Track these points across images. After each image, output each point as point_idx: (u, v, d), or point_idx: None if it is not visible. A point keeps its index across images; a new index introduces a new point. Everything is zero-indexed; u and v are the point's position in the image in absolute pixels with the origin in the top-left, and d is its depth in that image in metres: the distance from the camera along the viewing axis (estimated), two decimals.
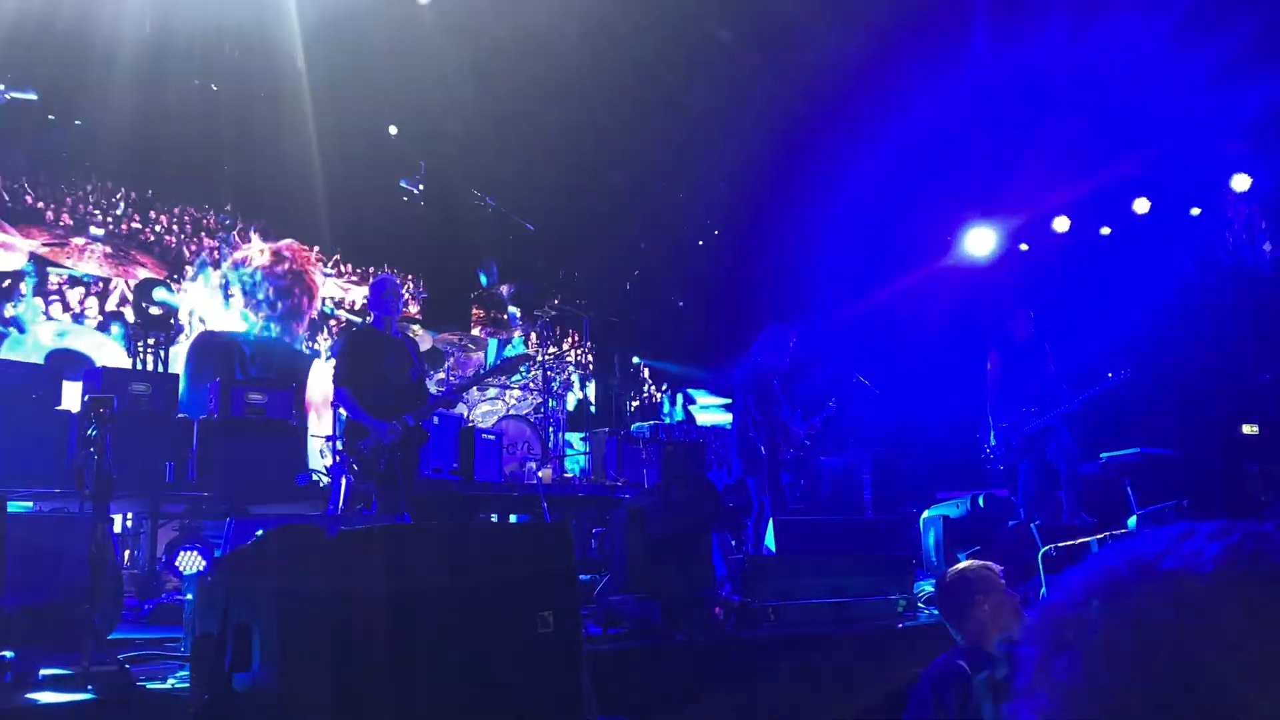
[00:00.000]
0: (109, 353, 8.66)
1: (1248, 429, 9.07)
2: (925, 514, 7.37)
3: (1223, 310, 9.86)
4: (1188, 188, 10.58)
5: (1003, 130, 10.69)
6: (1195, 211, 10.65)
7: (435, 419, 7.28)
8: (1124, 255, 10.83)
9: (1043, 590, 5.15)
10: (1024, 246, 11.84)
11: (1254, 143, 9.73)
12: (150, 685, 3.14)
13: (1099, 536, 5.13)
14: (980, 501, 6.67)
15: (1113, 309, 10.03)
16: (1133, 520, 6.81)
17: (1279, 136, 9.54)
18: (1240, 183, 10.01)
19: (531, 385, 9.04)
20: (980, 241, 11.79)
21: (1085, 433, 7.85)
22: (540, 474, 7.78)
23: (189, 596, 3.52)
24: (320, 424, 8.73)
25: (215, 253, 9.67)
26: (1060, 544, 5.27)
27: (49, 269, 8.78)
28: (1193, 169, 10.31)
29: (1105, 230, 11.21)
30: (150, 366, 7.75)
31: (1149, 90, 9.58)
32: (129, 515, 6.87)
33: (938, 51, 10.00)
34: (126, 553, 6.55)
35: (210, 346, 8.74)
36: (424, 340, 8.63)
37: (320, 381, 9.28)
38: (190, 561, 6.22)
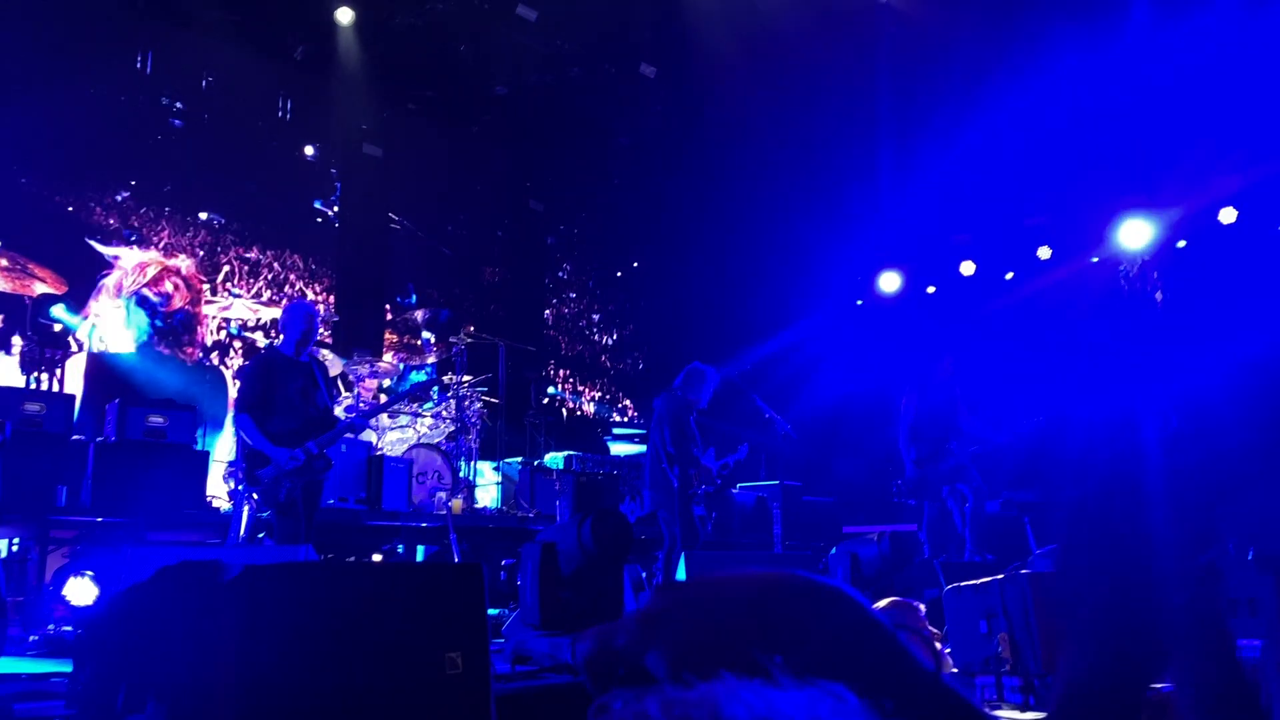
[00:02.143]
0: None
1: None
2: (833, 549, 7.46)
3: (1117, 357, 10.24)
4: (1085, 235, 11.01)
5: (909, 174, 11.01)
6: (1094, 259, 11.08)
7: (343, 446, 7.15)
8: (1027, 300, 11.21)
9: (945, 626, 5.25)
10: (930, 289, 12.19)
11: (1148, 191, 10.17)
12: None
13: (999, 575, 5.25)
14: (888, 538, 6.79)
15: (1015, 353, 10.35)
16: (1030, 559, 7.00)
17: (1173, 185, 10.00)
18: (1133, 232, 10.42)
19: (444, 413, 8.93)
20: (890, 282, 12.17)
21: (988, 472, 8.08)
22: (450, 504, 7.68)
23: (79, 632, 3.37)
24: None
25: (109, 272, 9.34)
26: (963, 582, 5.38)
27: None
28: (1090, 217, 10.74)
29: (1009, 275, 11.60)
30: (45, 385, 7.46)
31: (1055, 141, 9.97)
32: (14, 540, 6.58)
33: (855, 87, 10.28)
34: (8, 579, 6.25)
35: (103, 369, 8.38)
36: (334, 365, 8.47)
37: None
38: (80, 590, 5.98)
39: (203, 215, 10.24)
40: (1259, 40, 8.24)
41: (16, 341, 7.93)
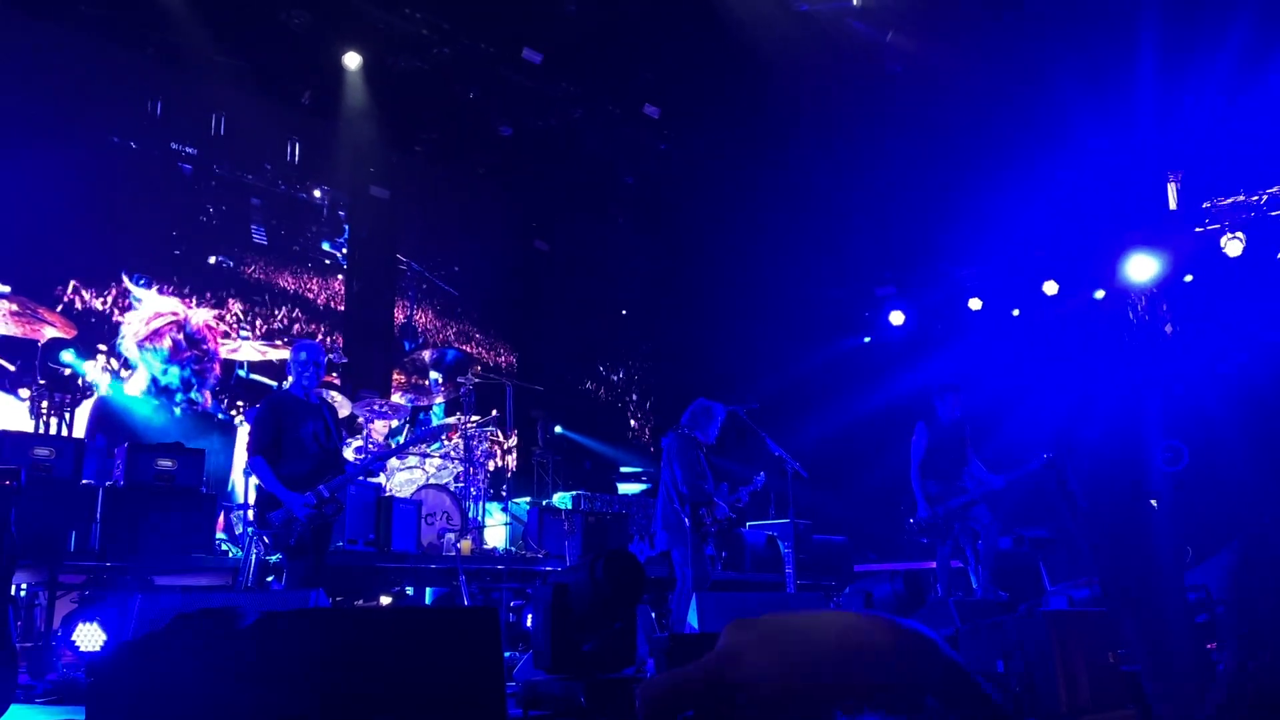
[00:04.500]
0: (7, 414, 8.29)
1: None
2: (847, 589, 7.41)
3: (1128, 390, 10.20)
4: (1092, 270, 11.02)
5: (915, 211, 11.04)
6: (1099, 294, 11.08)
7: (351, 488, 7.12)
8: (1034, 335, 11.20)
9: None
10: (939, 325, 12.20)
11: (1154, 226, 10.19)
12: None
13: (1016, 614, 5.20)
14: (902, 577, 6.73)
15: (1025, 388, 10.32)
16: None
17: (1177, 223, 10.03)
18: (1139, 266, 10.42)
19: (452, 454, 8.91)
20: (895, 317, 12.18)
21: (1001, 509, 8.03)
22: (460, 545, 7.64)
23: (92, 679, 3.34)
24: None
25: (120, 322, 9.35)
26: (976, 621, 5.33)
27: None
28: (1094, 253, 10.75)
29: (1015, 312, 11.62)
30: (55, 430, 7.46)
31: (1058, 174, 10.00)
32: (23, 585, 6.54)
33: (860, 126, 10.35)
34: (18, 625, 6.22)
35: (108, 413, 8.35)
36: (343, 407, 8.47)
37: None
38: (89, 636, 5.93)
39: (211, 260, 10.29)
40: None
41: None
